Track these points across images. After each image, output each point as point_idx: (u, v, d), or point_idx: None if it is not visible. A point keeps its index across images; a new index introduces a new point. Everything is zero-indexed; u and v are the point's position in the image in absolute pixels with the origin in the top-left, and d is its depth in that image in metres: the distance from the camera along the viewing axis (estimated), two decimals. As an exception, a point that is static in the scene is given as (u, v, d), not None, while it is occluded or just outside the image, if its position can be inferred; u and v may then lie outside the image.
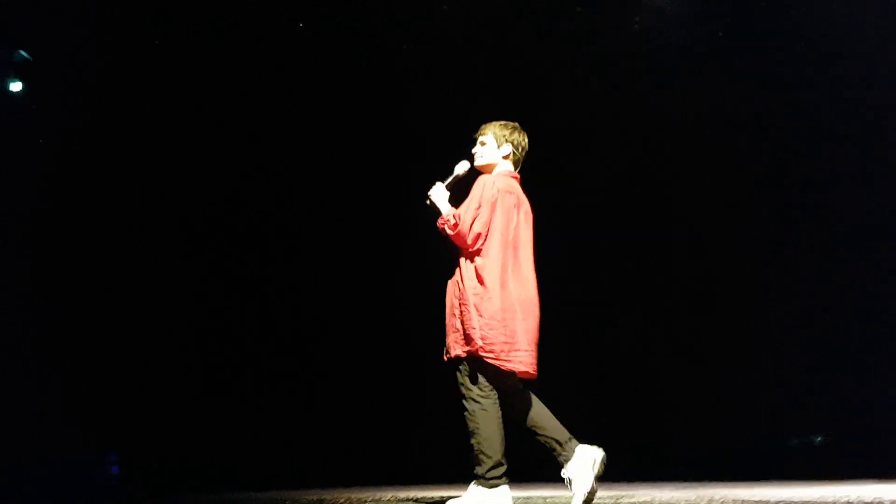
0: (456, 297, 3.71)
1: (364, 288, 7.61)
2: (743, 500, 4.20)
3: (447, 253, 3.82)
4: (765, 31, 6.92)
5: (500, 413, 3.66)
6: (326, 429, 7.36)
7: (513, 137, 3.90)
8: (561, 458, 3.66)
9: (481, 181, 3.77)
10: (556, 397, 6.90)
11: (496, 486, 3.59)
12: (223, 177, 7.66)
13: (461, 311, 3.66)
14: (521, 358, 3.65)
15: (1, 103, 7.40)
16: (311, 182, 7.68)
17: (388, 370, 7.37)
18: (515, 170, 3.94)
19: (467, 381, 3.65)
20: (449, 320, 3.74)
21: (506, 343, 3.60)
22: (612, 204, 7.32)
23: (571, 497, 3.61)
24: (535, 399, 3.78)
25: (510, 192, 3.77)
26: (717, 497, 4.46)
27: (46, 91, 7.41)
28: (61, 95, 7.43)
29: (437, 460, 6.26)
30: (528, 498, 4.59)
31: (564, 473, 3.63)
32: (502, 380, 3.66)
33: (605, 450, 3.68)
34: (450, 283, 3.79)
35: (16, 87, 7.38)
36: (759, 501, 4.12)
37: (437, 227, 3.74)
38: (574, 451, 3.64)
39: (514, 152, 3.90)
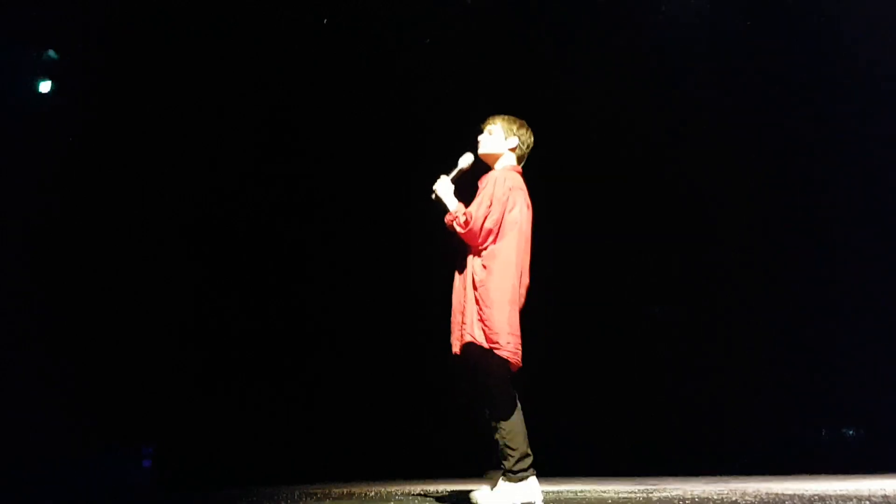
0: (464, 293, 3.67)
1: (372, 284, 7.60)
2: (777, 494, 4.16)
3: (450, 248, 3.81)
4: (783, 26, 6.84)
5: (519, 405, 3.65)
6: (347, 424, 7.38)
7: (520, 132, 3.90)
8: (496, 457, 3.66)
9: (493, 178, 3.74)
10: (583, 391, 6.96)
11: (524, 478, 3.58)
12: (231, 175, 7.68)
13: (465, 307, 3.64)
14: (519, 351, 3.64)
15: (31, 102, 7.46)
16: (313, 182, 7.65)
17: (405, 365, 7.37)
18: (519, 165, 3.92)
19: (480, 378, 3.63)
20: (455, 317, 3.70)
21: (512, 336, 3.60)
22: (631, 202, 7.27)
23: (601, 493, 3.60)
24: None
25: (520, 189, 3.78)
26: (749, 490, 4.42)
27: (75, 90, 7.48)
28: (88, 94, 7.50)
29: (461, 454, 6.26)
30: (558, 492, 4.57)
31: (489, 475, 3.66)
32: (505, 372, 3.64)
33: (635, 443, 3.67)
34: (458, 278, 3.75)
35: (45, 86, 7.44)
36: (794, 495, 4.07)
37: (444, 223, 3.72)
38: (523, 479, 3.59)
39: (519, 146, 3.89)
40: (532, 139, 3.94)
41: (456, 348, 3.67)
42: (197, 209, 7.72)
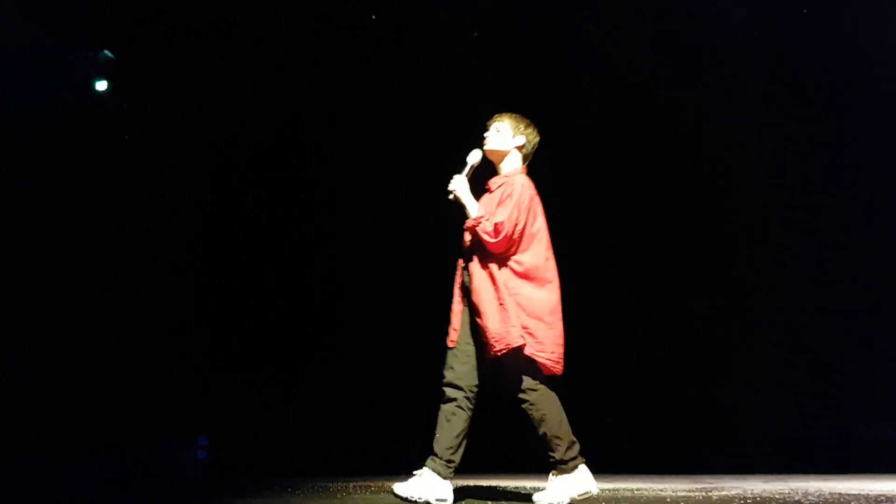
0: (493, 297, 3.61)
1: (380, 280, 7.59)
2: (840, 494, 4.07)
3: (454, 247, 3.83)
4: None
5: (556, 396, 3.66)
6: (400, 417, 7.38)
7: (527, 131, 3.90)
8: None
9: (516, 184, 3.73)
10: (635, 388, 6.88)
11: (576, 467, 3.61)
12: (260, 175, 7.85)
13: (490, 311, 3.60)
14: (562, 360, 3.67)
15: (87, 102, 7.63)
16: (325, 188, 7.74)
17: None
18: (524, 164, 3.93)
19: (517, 375, 3.63)
20: (483, 320, 3.62)
21: (557, 346, 3.63)
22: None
23: (658, 491, 3.57)
24: None
25: (536, 194, 3.79)
26: (811, 490, 4.33)
27: (131, 90, 7.63)
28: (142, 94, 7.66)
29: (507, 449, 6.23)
30: (615, 490, 4.53)
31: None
32: (540, 371, 3.66)
33: (689, 441, 3.62)
34: (476, 280, 3.68)
35: (101, 86, 7.60)
36: (858, 495, 3.98)
37: (464, 225, 3.72)
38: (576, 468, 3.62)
39: (525, 145, 3.89)
40: (538, 139, 3.94)
41: (499, 347, 3.59)
42: (241, 205, 7.87)
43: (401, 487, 3.63)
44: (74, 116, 7.48)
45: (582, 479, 3.59)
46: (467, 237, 3.78)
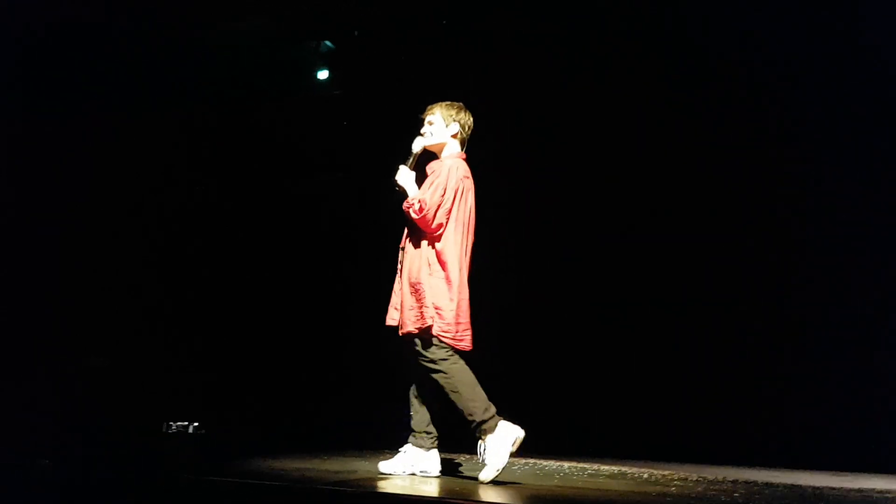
0: (415, 277, 3.91)
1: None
2: None
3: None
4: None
5: (471, 372, 3.88)
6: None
7: (459, 117, 4.12)
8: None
9: (445, 167, 3.98)
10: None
11: (496, 424, 3.77)
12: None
13: (419, 292, 3.87)
14: (468, 336, 3.93)
15: (310, 90, 8.36)
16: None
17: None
18: (462, 149, 4.14)
19: (428, 353, 3.87)
20: (406, 298, 3.94)
21: (458, 324, 3.87)
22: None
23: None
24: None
25: (467, 177, 4.03)
26: None
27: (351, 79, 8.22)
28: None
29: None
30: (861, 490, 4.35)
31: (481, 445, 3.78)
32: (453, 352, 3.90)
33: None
34: (409, 260, 3.98)
35: (322, 75, 8.27)
36: None
37: (402, 210, 3.99)
38: (497, 425, 3.77)
39: (461, 131, 4.11)
40: (471, 120, 4.16)
41: (410, 328, 3.91)
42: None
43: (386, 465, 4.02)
44: (300, 103, 8.25)
45: (507, 431, 3.73)
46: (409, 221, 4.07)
